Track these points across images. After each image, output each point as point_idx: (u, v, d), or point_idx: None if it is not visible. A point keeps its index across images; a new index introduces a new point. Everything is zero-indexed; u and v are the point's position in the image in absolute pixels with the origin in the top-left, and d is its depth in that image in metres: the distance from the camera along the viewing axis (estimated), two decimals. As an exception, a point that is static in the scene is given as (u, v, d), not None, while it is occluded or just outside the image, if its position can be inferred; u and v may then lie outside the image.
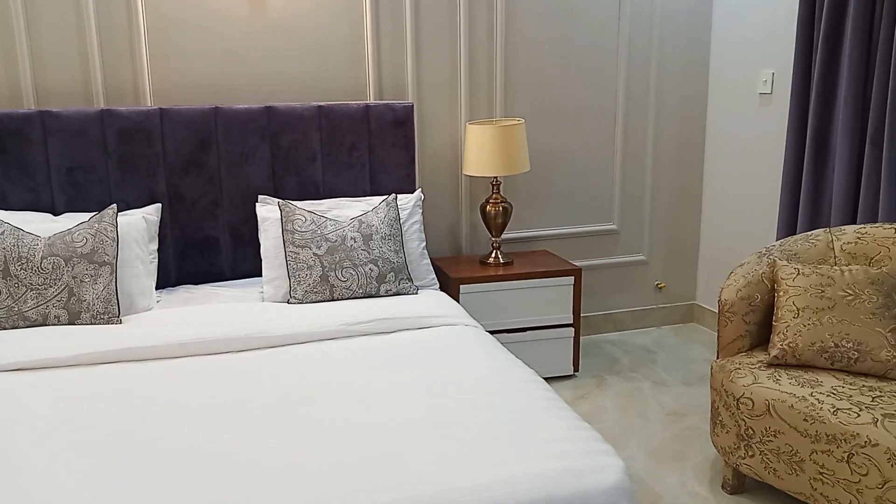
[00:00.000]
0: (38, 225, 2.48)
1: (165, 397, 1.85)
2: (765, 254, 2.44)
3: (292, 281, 2.57)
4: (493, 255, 3.17)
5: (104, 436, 1.64)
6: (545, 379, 3.03)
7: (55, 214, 2.67)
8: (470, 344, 2.17)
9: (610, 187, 3.57)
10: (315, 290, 2.56)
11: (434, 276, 2.86)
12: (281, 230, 2.64)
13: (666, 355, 3.42)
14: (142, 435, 1.64)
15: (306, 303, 2.55)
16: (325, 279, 2.56)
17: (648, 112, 3.54)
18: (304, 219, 2.62)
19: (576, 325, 3.15)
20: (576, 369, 3.19)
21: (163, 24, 2.83)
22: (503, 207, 3.11)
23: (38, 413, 1.76)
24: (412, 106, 3.03)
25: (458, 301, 2.98)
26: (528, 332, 3.09)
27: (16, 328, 2.28)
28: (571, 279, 3.10)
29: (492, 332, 3.03)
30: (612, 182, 3.57)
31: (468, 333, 2.27)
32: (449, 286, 3.02)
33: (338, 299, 2.57)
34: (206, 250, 2.89)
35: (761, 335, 2.38)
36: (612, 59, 3.43)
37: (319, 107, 2.92)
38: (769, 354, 2.20)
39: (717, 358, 2.37)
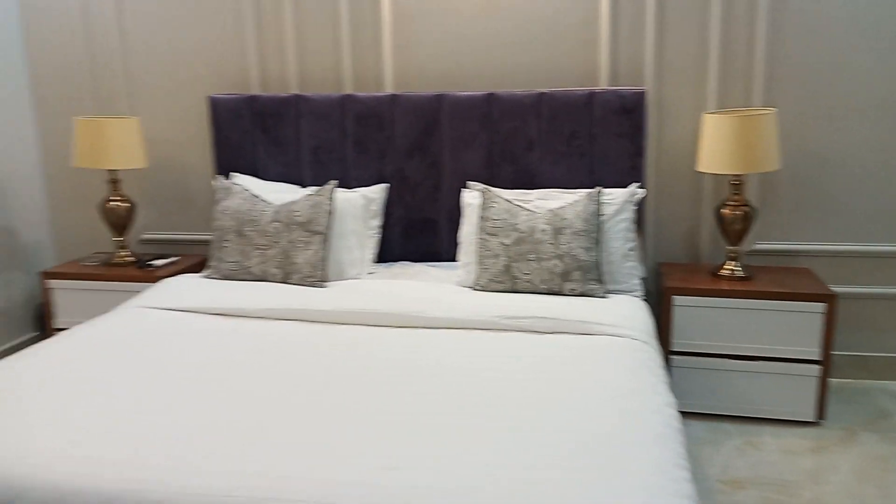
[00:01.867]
0: (285, 195, 2.84)
1: (330, 357, 1.99)
2: None
3: (479, 268, 2.54)
4: (728, 266, 2.74)
5: (269, 380, 1.83)
6: (774, 421, 2.58)
7: (302, 186, 3.03)
8: (619, 359, 1.92)
9: (906, 198, 2.82)
10: (497, 279, 2.50)
11: (639, 280, 2.58)
12: (478, 217, 2.63)
13: (966, 422, 2.61)
14: (308, 389, 1.78)
15: (488, 291, 2.50)
16: (507, 270, 2.48)
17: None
18: (499, 207, 2.57)
19: (825, 362, 2.57)
20: (820, 416, 2.60)
21: (403, 16, 3.00)
22: (743, 212, 2.66)
23: (215, 353, 2.03)
24: (643, 93, 2.75)
25: (669, 313, 2.64)
26: (756, 362, 2.61)
27: (241, 280, 2.66)
28: (822, 307, 2.53)
29: (705, 355, 2.64)
30: (911, 191, 2.81)
31: (628, 348, 2.01)
32: (661, 295, 2.69)
33: (520, 291, 2.47)
34: (425, 231, 3.01)
35: None
36: (928, 36, 2.69)
37: (541, 94, 2.82)
38: None
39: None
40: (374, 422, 1.58)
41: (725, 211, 2.69)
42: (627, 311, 2.28)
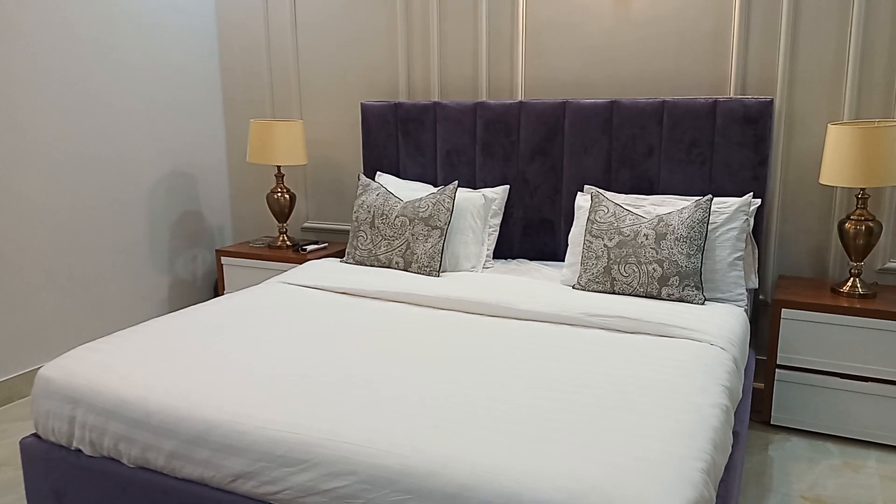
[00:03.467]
0: (418, 192, 3.14)
1: (432, 339, 2.19)
2: None
3: (582, 268, 2.66)
4: (850, 282, 2.62)
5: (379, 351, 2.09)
6: (883, 446, 2.51)
7: (435, 186, 3.31)
8: (682, 361, 1.97)
9: None
10: (597, 280, 2.60)
11: (744, 290, 2.56)
12: (586, 219, 2.75)
13: None
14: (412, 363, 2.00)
15: (588, 290, 2.62)
16: (607, 271, 2.58)
17: None
18: (606, 210, 2.67)
19: (952, 392, 2.39)
20: (945, 449, 2.43)
21: (537, 26, 3.18)
22: (867, 226, 2.54)
23: (334, 325, 2.35)
24: (770, 102, 2.71)
25: (777, 326, 2.59)
26: (867, 383, 2.49)
27: (370, 266, 2.99)
28: (950, 332, 2.36)
29: (814, 372, 2.56)
30: None
31: (699, 352, 2.04)
32: (769, 307, 2.64)
33: (618, 293, 2.57)
34: (543, 231, 3.17)
35: None
36: None
37: (663, 101, 2.87)
38: None
39: None
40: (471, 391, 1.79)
41: (848, 225, 2.58)
42: (715, 319, 2.29)
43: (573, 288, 2.67)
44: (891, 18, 2.64)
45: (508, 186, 3.17)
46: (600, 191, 2.79)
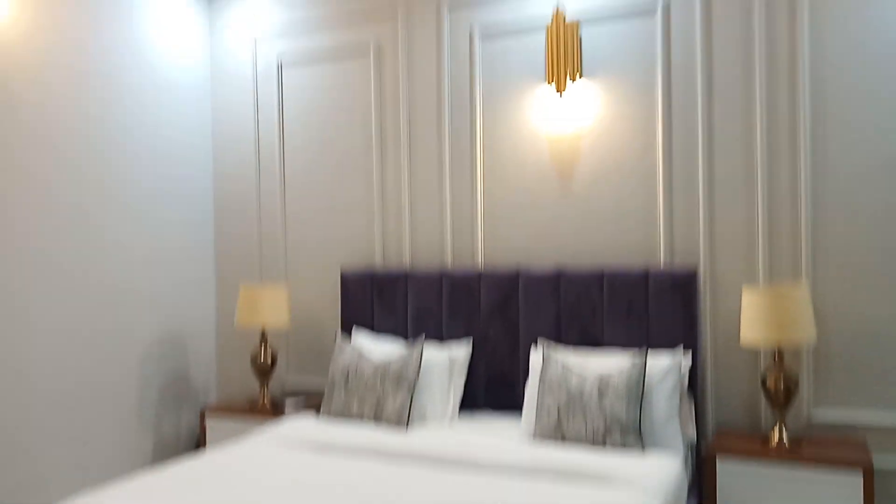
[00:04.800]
0: (389, 349, 3.44)
1: (393, 495, 2.40)
2: None
3: (537, 421, 2.93)
4: (776, 433, 2.89)
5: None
6: None
7: (405, 342, 3.62)
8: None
9: (976, 373, 2.84)
10: (549, 434, 2.87)
11: (681, 440, 2.82)
12: (539, 375, 3.05)
13: None
14: None
15: (542, 442, 2.87)
16: (558, 426, 2.85)
17: None
18: (556, 367, 2.98)
19: (869, 535, 2.61)
20: (874, 591, 2.60)
21: (494, 204, 3.63)
22: (785, 381, 2.85)
23: (309, 477, 2.58)
24: (694, 272, 3.11)
25: (714, 476, 2.83)
26: (798, 528, 2.70)
27: (345, 421, 3.23)
28: (859, 478, 2.61)
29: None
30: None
31: (620, 499, 2.30)
32: (703, 455, 2.89)
33: (569, 444, 2.82)
34: (503, 385, 3.45)
35: None
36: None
37: (602, 270, 3.27)
38: None
39: None
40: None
41: (769, 380, 2.89)
42: (654, 469, 2.54)
43: (530, 440, 2.93)
44: (789, 193, 3.09)
45: (472, 344, 3.50)
46: (551, 348, 3.11)
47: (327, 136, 4.05)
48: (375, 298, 3.74)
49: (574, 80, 3.40)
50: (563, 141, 3.49)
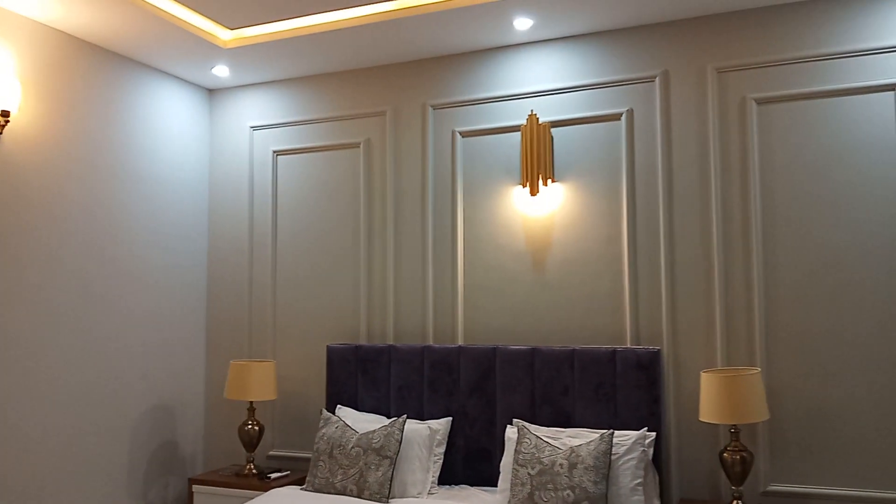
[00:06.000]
0: (372, 424, 3.62)
1: None
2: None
3: (511, 493, 3.11)
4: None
5: None
6: None
7: (388, 417, 3.81)
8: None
9: (915, 451, 3.09)
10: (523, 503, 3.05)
11: (645, 512, 3.02)
12: (514, 450, 3.24)
13: None
14: None
15: (516, 514, 3.05)
16: (531, 496, 3.03)
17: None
18: (529, 442, 3.19)
19: None
20: None
21: (473, 287, 3.90)
22: (741, 456, 3.08)
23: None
24: (657, 352, 3.36)
25: (678, 545, 3.02)
26: None
27: (327, 493, 3.39)
28: (815, 548, 2.81)
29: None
30: (917, 445, 3.09)
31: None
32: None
33: (540, 516, 3.00)
34: (481, 458, 3.63)
35: None
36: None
37: (573, 350, 3.51)
38: None
39: None
40: None
41: (726, 455, 3.11)
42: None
43: (504, 512, 3.10)
44: (744, 284, 3.39)
45: (451, 418, 3.69)
46: (525, 424, 3.32)
47: (318, 222, 4.33)
48: (360, 374, 3.94)
49: (546, 184, 3.74)
50: (537, 232, 3.79)
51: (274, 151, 4.46)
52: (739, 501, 3.09)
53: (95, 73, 3.87)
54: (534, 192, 3.74)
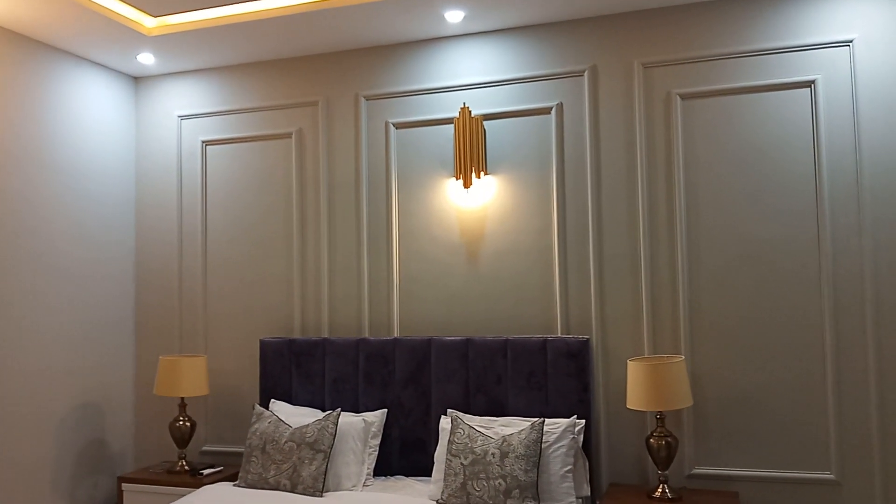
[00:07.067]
0: (306, 418, 3.60)
1: None
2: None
3: (444, 483, 3.15)
4: (660, 488, 3.20)
5: None
6: None
7: (323, 411, 3.79)
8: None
9: (825, 427, 3.24)
10: (456, 494, 3.08)
11: (574, 499, 3.09)
12: (447, 440, 3.28)
13: None
14: None
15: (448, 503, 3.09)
16: (464, 487, 3.07)
17: (867, 343, 3.20)
18: (462, 432, 3.22)
19: (743, 580, 2.92)
20: None
21: (409, 278, 3.91)
22: (666, 441, 3.19)
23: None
24: (587, 340, 3.44)
25: (605, 528, 3.11)
26: (680, 576, 2.99)
27: (260, 489, 3.36)
28: (733, 527, 2.94)
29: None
30: (827, 421, 3.24)
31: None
32: (599, 512, 3.18)
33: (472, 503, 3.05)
34: (416, 449, 3.66)
35: None
36: (815, 299, 3.29)
37: (506, 340, 3.56)
38: None
39: None
40: None
41: (652, 440, 3.22)
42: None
43: (437, 502, 3.13)
44: (669, 275, 3.49)
45: (386, 410, 3.69)
46: (459, 415, 3.36)
47: (250, 213, 4.25)
48: (294, 368, 3.91)
49: (479, 177, 3.76)
50: (471, 224, 3.82)
51: (203, 141, 4.36)
52: (665, 485, 3.20)
53: (14, 60, 3.70)
54: (467, 184, 3.76)
